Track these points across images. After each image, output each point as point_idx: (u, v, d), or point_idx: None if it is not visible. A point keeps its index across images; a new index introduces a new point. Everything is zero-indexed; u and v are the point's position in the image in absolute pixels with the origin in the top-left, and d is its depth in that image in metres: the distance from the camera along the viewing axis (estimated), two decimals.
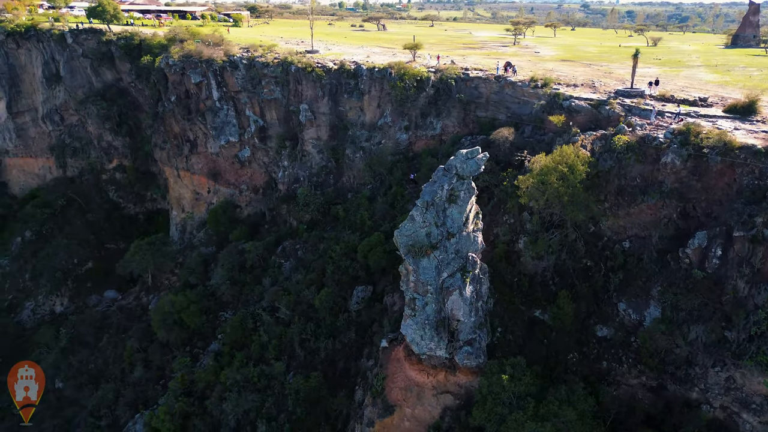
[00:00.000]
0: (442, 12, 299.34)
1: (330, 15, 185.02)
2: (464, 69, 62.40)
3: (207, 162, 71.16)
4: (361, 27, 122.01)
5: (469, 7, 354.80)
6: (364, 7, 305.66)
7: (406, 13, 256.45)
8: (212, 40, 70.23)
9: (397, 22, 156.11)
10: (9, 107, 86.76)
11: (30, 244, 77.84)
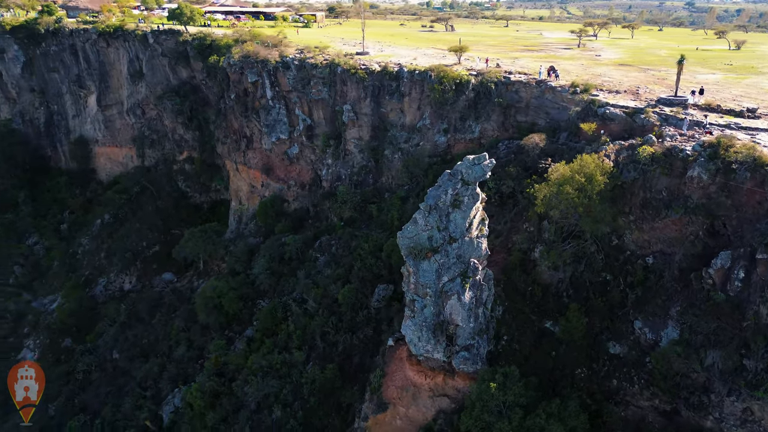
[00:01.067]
0: (531, 11, 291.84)
1: (411, 15, 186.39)
2: (508, 72, 61.74)
3: (261, 157, 75.17)
4: (431, 27, 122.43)
5: (561, 5, 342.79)
6: (451, 6, 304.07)
7: (493, 12, 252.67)
8: (271, 42, 73.91)
9: (472, 22, 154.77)
10: (99, 100, 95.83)
11: (107, 226, 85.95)
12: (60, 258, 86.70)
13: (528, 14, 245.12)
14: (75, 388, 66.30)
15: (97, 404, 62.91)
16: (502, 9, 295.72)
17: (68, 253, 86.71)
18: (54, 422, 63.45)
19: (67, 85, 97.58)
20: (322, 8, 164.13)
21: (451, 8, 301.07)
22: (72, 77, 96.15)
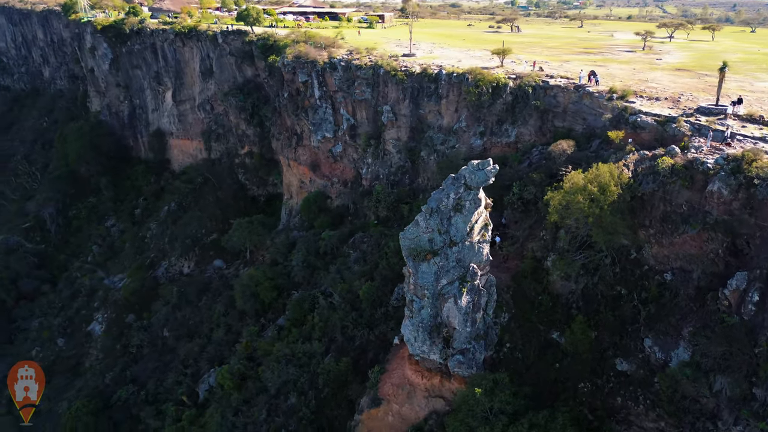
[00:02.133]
0: (623, 9, 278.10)
1: (488, 14, 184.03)
2: (549, 76, 60.56)
3: (310, 154, 78.11)
4: (498, 28, 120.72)
5: (657, 3, 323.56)
6: (537, 4, 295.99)
7: (580, 11, 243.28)
8: (324, 43, 76.48)
9: (547, 22, 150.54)
10: (174, 96, 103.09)
11: (172, 213, 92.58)
12: (131, 240, 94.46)
13: (617, 13, 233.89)
14: (129, 361, 72.51)
15: (145, 377, 68.54)
16: (591, 8, 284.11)
17: (138, 236, 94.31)
18: (108, 390, 69.79)
19: (147, 81, 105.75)
20: (395, 8, 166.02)
21: (536, 6, 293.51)
22: (152, 74, 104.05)
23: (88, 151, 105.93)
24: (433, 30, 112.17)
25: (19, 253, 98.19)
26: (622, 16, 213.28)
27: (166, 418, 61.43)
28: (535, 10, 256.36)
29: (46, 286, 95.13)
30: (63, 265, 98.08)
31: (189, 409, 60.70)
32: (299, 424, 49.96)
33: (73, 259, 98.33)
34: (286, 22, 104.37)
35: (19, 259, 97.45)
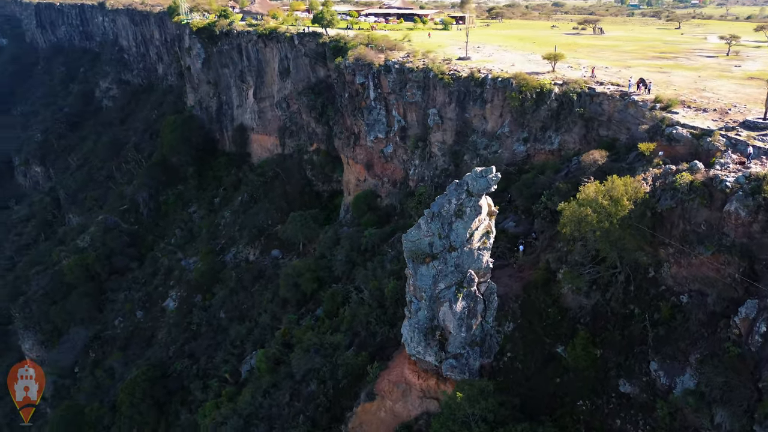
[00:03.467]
0: (746, 8, 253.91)
1: (588, 14, 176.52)
2: (599, 83, 58.47)
3: (366, 154, 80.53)
4: (583, 29, 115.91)
5: None
6: (649, 3, 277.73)
7: (697, 10, 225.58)
8: (385, 45, 78.37)
9: (645, 22, 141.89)
10: (255, 94, 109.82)
11: (244, 204, 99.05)
12: (207, 226, 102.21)
13: (738, 12, 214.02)
14: (189, 337, 79.11)
15: (199, 353, 74.55)
16: (711, 6, 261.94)
17: (214, 223, 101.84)
18: (169, 361, 76.70)
19: (233, 79, 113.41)
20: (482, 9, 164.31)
21: (648, 5, 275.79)
22: (237, 73, 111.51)
23: (179, 142, 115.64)
24: (509, 32, 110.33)
25: (115, 233, 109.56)
26: (740, 16, 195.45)
27: (210, 393, 66.68)
28: (646, 9, 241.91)
29: (134, 263, 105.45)
30: (150, 246, 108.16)
31: (230, 386, 65.42)
32: (315, 411, 52.43)
33: (159, 241, 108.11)
34: (361, 24, 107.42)
35: (114, 237, 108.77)
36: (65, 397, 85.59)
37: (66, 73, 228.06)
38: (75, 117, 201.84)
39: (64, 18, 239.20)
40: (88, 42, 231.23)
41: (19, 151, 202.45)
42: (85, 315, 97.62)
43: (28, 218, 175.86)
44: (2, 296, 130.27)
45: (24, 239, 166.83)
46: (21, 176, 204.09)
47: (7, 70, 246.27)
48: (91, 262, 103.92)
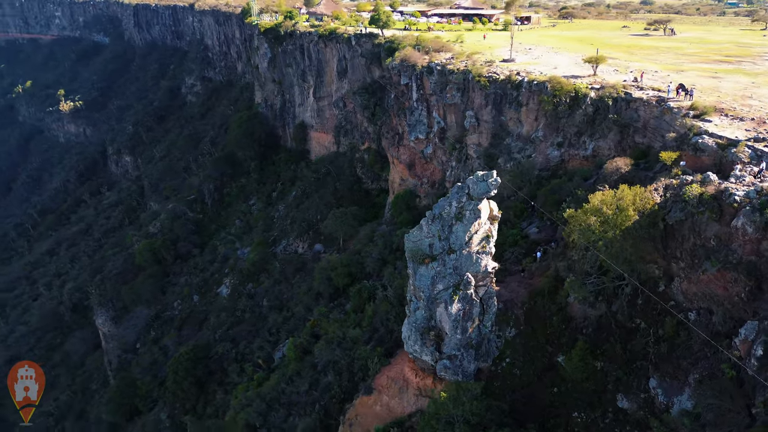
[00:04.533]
0: None
1: (674, 13, 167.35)
2: (639, 88, 56.36)
3: (409, 154, 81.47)
4: (655, 30, 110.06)
5: None
6: (750, 1, 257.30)
7: None
8: (432, 47, 78.89)
9: (731, 22, 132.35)
10: (315, 92, 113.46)
11: (297, 198, 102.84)
12: (263, 219, 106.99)
13: None
14: (234, 322, 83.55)
15: (240, 338, 78.63)
16: None
17: (269, 216, 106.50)
18: (213, 344, 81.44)
19: (296, 79, 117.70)
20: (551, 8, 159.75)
21: (749, 3, 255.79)
22: (299, 72, 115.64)
23: (244, 138, 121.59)
24: (572, 33, 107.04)
25: (182, 220, 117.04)
26: None
27: (244, 376, 70.34)
28: (743, 8, 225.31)
29: (197, 250, 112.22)
30: (212, 234, 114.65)
31: (262, 371, 68.71)
32: (330, 401, 54.35)
33: (220, 230, 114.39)
34: (419, 25, 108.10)
35: (181, 225, 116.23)
36: (126, 369, 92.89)
37: (158, 69, 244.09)
38: (162, 111, 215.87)
39: (158, 18, 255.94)
40: (179, 41, 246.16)
41: (113, 141, 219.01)
42: (150, 296, 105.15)
43: (116, 204, 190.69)
44: (86, 275, 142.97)
45: (111, 223, 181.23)
46: (113, 165, 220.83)
47: (108, 67, 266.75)
48: (159, 247, 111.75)
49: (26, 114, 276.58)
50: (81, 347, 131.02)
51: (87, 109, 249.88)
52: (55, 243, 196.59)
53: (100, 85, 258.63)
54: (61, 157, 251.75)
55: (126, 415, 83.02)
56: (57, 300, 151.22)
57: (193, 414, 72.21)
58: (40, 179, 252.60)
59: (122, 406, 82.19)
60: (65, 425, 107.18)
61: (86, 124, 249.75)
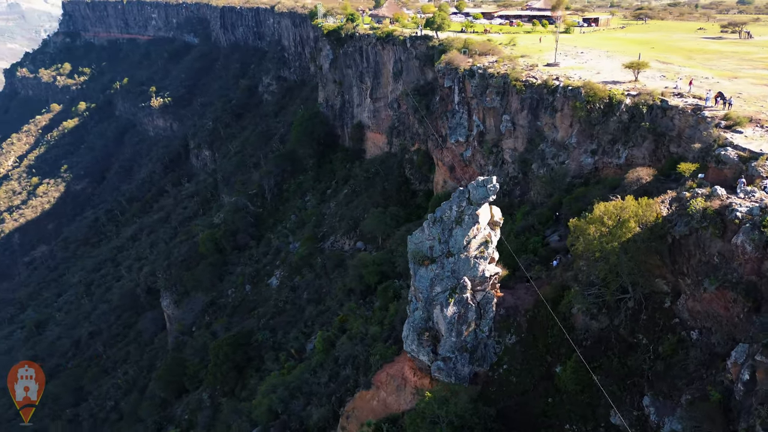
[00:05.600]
0: None
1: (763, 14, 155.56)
2: (677, 95, 53.94)
3: (452, 157, 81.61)
4: (733, 33, 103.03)
5: None
6: None
7: None
8: (479, 49, 78.62)
9: None
10: (371, 93, 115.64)
11: (347, 197, 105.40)
12: (315, 215, 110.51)
13: None
14: (275, 313, 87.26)
15: (279, 328, 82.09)
16: None
17: (321, 212, 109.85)
18: (255, 332, 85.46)
19: (355, 80, 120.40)
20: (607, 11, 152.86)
21: None
22: (358, 73, 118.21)
23: (304, 136, 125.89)
24: (637, 35, 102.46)
25: (242, 213, 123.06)
26: None
27: (278, 364, 73.50)
28: None
29: (254, 242, 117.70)
30: (269, 228, 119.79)
31: (293, 361, 71.59)
32: (345, 394, 56.03)
33: (277, 224, 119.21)
34: (476, 27, 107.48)
35: (241, 217, 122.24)
36: (180, 350, 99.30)
37: (239, 68, 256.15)
38: (240, 109, 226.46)
39: (242, 20, 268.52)
40: (260, 41, 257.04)
41: (194, 136, 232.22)
42: (208, 283, 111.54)
43: (192, 195, 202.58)
44: (161, 260, 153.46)
45: (187, 213, 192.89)
46: (194, 158, 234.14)
47: (195, 66, 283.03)
48: (220, 237, 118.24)
49: (122, 109, 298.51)
50: (151, 327, 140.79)
51: (174, 105, 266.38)
52: (138, 229, 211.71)
53: (187, 82, 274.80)
54: (149, 150, 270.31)
55: (175, 392, 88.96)
56: (135, 282, 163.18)
57: (231, 396, 76.37)
58: (131, 169, 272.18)
59: (171, 383, 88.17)
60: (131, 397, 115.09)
61: (173, 119, 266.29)
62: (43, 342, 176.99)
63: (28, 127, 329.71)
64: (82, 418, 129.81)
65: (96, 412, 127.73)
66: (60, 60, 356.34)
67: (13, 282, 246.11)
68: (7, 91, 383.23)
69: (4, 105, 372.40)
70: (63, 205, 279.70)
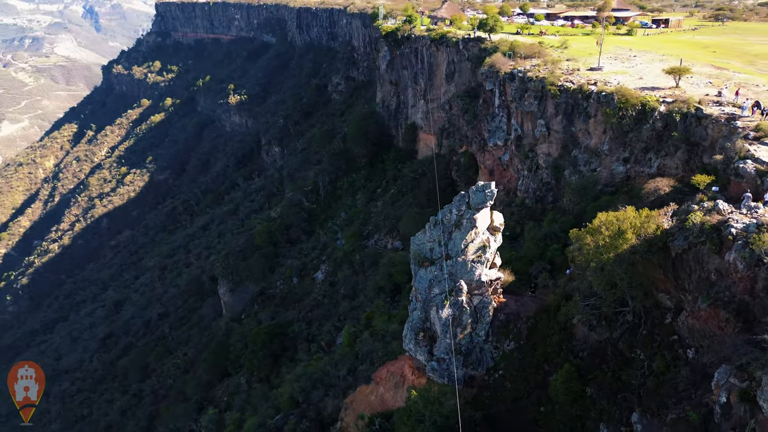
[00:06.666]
0: None
1: None
2: (716, 103, 51.29)
3: (492, 160, 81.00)
4: None
5: None
6: None
7: None
8: (524, 52, 77.49)
9: None
10: (424, 95, 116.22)
11: (393, 196, 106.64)
12: (363, 213, 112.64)
13: None
14: (314, 306, 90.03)
15: (314, 321, 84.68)
16: None
17: (368, 211, 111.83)
18: (292, 323, 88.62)
19: (410, 81, 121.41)
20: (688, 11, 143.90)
21: None
22: (412, 75, 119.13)
23: (359, 135, 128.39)
24: (705, 38, 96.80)
25: (297, 208, 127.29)
26: None
27: (308, 356, 76.04)
28: None
29: (305, 236, 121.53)
30: (320, 224, 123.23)
31: (322, 353, 73.87)
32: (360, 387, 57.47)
33: (328, 220, 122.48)
34: (532, 29, 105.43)
35: (296, 212, 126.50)
36: (228, 336, 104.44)
37: (311, 68, 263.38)
38: (309, 107, 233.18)
39: (317, 20, 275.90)
40: (333, 42, 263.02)
41: (266, 132, 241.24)
42: (260, 273, 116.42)
43: (260, 189, 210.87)
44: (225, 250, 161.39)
45: (253, 206, 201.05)
46: (265, 154, 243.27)
47: (271, 65, 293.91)
48: (274, 231, 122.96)
49: (203, 105, 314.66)
50: (211, 312, 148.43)
51: (250, 103, 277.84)
52: (209, 219, 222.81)
53: (263, 81, 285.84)
54: (225, 144, 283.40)
55: (218, 375, 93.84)
56: (201, 269, 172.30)
57: (266, 383, 79.74)
58: (208, 162, 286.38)
59: (215, 366, 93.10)
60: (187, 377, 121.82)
61: (248, 115, 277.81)
62: (119, 320, 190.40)
63: (120, 121, 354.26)
64: (144, 393, 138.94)
65: (157, 389, 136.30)
66: (151, 58, 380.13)
67: (98, 263, 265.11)
68: (104, 86, 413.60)
69: (101, 99, 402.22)
70: (146, 194, 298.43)
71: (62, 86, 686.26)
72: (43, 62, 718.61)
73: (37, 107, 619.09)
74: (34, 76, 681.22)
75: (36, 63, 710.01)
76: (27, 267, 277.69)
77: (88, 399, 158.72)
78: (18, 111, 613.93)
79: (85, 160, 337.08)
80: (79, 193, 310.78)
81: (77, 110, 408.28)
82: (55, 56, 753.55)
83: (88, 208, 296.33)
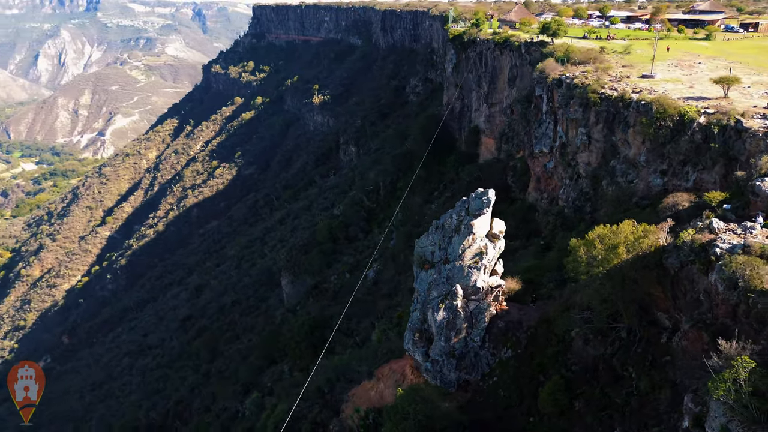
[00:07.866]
0: None
1: None
2: (761, 116, 47.96)
3: (538, 167, 79.38)
4: None
5: None
6: None
7: None
8: (578, 58, 75.40)
9: None
10: (486, 98, 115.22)
11: (447, 199, 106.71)
12: (418, 214, 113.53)
13: None
14: (355, 303, 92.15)
15: (354, 316, 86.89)
16: None
17: (423, 212, 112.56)
18: (334, 317, 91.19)
19: (474, 84, 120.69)
20: None
21: None
22: (476, 78, 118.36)
23: (422, 137, 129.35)
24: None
25: (357, 207, 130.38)
26: None
27: (343, 350, 78.36)
28: None
29: (362, 234, 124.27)
30: (378, 223, 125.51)
31: (356, 347, 75.92)
32: None
33: (386, 220, 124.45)
34: (600, 33, 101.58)
35: (356, 211, 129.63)
36: (282, 325, 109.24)
37: (392, 69, 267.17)
38: (386, 108, 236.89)
39: (401, 23, 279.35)
40: (415, 44, 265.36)
41: (344, 132, 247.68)
42: (317, 267, 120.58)
43: (334, 187, 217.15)
44: None
45: (326, 203, 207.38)
46: (342, 153, 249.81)
47: (355, 66, 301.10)
48: (335, 227, 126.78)
49: (290, 104, 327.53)
50: (276, 302, 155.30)
51: (332, 103, 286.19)
52: (286, 214, 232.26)
53: (346, 81, 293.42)
54: (307, 143, 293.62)
55: (267, 361, 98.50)
56: (273, 261, 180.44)
57: (305, 372, 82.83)
58: (290, 159, 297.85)
59: (265, 353, 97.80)
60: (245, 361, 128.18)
61: (330, 115, 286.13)
62: (198, 304, 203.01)
63: (215, 117, 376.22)
64: (212, 374, 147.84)
65: (223, 371, 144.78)
66: (246, 58, 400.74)
67: (187, 249, 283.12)
68: (203, 84, 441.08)
69: (200, 97, 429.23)
70: (233, 187, 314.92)
71: (169, 83, 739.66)
72: (154, 61, 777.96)
73: (147, 103, 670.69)
74: (145, 74, 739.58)
75: (148, 62, 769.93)
76: (126, 249, 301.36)
77: (165, 374, 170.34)
78: (130, 106, 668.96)
79: (182, 153, 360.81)
80: (175, 184, 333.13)
81: (179, 106, 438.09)
82: (165, 56, 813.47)
83: (182, 198, 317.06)
